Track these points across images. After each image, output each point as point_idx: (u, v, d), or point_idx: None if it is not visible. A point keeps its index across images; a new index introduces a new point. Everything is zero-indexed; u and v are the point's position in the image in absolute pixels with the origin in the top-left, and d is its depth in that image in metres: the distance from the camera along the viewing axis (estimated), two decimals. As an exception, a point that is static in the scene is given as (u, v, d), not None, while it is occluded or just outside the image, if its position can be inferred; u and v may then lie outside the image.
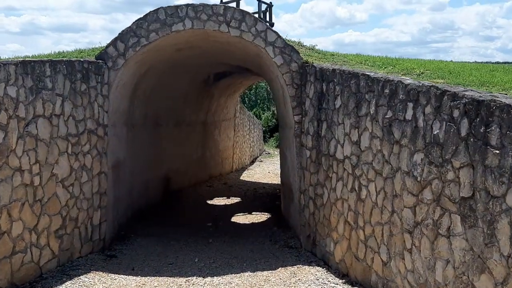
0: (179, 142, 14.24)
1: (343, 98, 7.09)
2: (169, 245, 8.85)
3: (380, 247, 6.02)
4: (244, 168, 20.52)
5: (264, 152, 26.37)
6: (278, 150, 26.76)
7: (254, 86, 44.79)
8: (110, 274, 6.99)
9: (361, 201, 6.52)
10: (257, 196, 14.27)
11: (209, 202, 13.54)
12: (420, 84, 5.28)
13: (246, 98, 41.97)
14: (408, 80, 5.70)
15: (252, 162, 22.76)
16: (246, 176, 18.59)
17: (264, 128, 31.57)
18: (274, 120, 38.57)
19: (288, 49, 8.46)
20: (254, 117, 25.51)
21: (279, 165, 15.62)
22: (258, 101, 45.48)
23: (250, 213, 12.07)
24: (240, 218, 11.57)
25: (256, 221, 11.25)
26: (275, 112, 40.12)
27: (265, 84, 47.31)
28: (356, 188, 6.64)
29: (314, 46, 10.50)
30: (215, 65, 12.86)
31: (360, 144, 6.55)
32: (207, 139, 16.80)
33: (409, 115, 5.39)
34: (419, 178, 5.15)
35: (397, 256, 5.63)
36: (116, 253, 8.25)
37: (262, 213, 12.06)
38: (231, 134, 19.34)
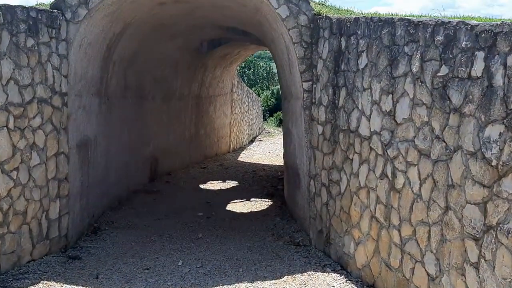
0: (169, 119, 12.54)
1: (370, 55, 5.39)
2: (148, 242, 7.24)
3: (425, 255, 4.40)
4: (242, 148, 18.96)
5: (264, 131, 24.70)
6: (279, 130, 25.19)
7: (253, 65, 43.24)
8: (64, 285, 5.38)
9: (395, 192, 4.87)
10: (256, 180, 12.66)
11: (202, 186, 11.92)
12: (498, 24, 3.59)
13: (245, 77, 40.39)
14: (472, 21, 4.00)
15: (251, 141, 21.16)
16: (244, 156, 16.99)
17: (263, 108, 29.82)
18: (273, 100, 37.09)
19: (296, -3, 6.71)
20: (253, 93, 23.72)
21: (280, 145, 14.00)
22: (258, 80, 44.26)
23: (248, 199, 10.46)
24: (237, 206, 9.98)
25: (255, 210, 9.65)
26: (275, 91, 38.53)
27: (264, 63, 45.69)
28: (389, 174, 4.99)
29: (324, 1, 8.72)
30: (208, 28, 11.10)
31: (395, 115, 4.88)
32: (201, 116, 15.10)
33: (478, 69, 3.70)
34: (494, 162, 3.49)
35: (452, 271, 4.01)
36: (81, 253, 6.63)
37: (262, 199, 10.46)
38: (228, 110, 17.65)
